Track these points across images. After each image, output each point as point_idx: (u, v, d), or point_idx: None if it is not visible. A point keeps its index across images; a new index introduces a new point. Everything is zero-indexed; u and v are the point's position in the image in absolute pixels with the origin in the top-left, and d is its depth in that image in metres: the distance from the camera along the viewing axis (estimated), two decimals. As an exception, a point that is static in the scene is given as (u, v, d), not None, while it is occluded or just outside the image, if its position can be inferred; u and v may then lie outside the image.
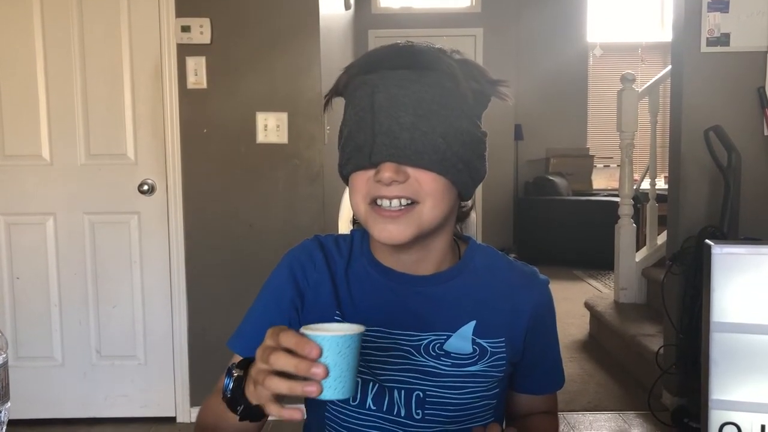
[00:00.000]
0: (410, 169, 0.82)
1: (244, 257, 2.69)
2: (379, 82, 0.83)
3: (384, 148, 0.82)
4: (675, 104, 2.76)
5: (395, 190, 0.83)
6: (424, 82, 0.82)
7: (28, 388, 2.68)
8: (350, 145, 0.85)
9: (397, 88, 0.82)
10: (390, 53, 0.86)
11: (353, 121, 0.85)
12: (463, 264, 0.95)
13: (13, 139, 2.65)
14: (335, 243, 0.96)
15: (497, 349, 0.92)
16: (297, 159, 2.65)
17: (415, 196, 0.83)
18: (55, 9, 2.60)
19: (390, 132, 0.82)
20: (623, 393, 3.05)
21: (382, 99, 0.82)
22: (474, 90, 0.86)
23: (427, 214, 0.84)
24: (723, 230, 2.47)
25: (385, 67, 0.84)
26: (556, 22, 6.88)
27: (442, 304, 0.92)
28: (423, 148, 0.82)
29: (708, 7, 2.58)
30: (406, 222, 0.84)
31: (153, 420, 2.75)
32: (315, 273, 0.93)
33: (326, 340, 0.65)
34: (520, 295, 0.95)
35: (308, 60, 2.65)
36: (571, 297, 4.69)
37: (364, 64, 0.86)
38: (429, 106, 0.82)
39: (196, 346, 2.73)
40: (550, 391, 1.04)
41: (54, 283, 2.71)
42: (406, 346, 0.90)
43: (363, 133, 0.83)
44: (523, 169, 6.92)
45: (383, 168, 0.82)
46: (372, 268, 0.93)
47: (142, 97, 2.65)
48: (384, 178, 0.81)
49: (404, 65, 0.83)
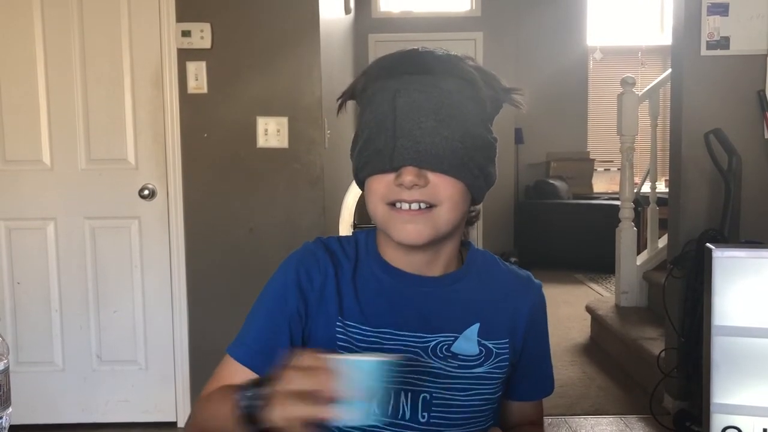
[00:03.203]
0: (430, 174, 0.83)
1: (245, 262, 2.68)
2: (401, 86, 0.83)
3: (405, 151, 0.82)
4: (675, 107, 2.76)
5: (415, 194, 0.84)
6: (445, 88, 0.83)
7: (28, 394, 2.67)
8: (369, 149, 0.85)
9: (418, 92, 0.83)
10: (411, 58, 0.86)
11: (373, 124, 0.85)
12: (467, 267, 0.96)
13: (13, 144, 2.66)
14: (340, 244, 0.96)
15: (501, 350, 0.93)
16: (297, 163, 2.65)
17: (433, 200, 0.84)
18: (55, 14, 2.61)
19: (411, 136, 0.82)
20: (625, 396, 3.04)
21: (403, 103, 0.83)
22: (490, 97, 0.87)
23: (444, 217, 0.85)
24: (724, 233, 2.47)
25: (406, 71, 0.84)
26: (556, 26, 6.89)
27: (449, 306, 0.92)
28: (443, 153, 0.82)
29: (708, 11, 2.59)
30: (424, 222, 0.85)
31: (154, 425, 2.75)
32: (320, 276, 0.92)
33: (366, 364, 0.67)
34: (518, 297, 0.96)
35: (309, 64, 2.65)
36: (572, 301, 4.69)
37: (383, 68, 0.87)
38: (449, 111, 0.83)
39: (197, 351, 2.73)
40: (541, 396, 1.04)
41: (55, 287, 2.71)
42: (413, 348, 0.90)
43: (384, 136, 0.84)
44: (523, 173, 6.93)
45: (405, 172, 0.83)
46: (380, 270, 0.93)
47: (143, 101, 2.65)
48: (406, 182, 0.82)
49: (425, 70, 0.84)
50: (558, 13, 6.88)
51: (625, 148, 3.80)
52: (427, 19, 6.42)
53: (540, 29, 6.80)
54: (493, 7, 6.45)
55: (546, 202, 6.42)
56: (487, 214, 6.52)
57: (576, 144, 7.10)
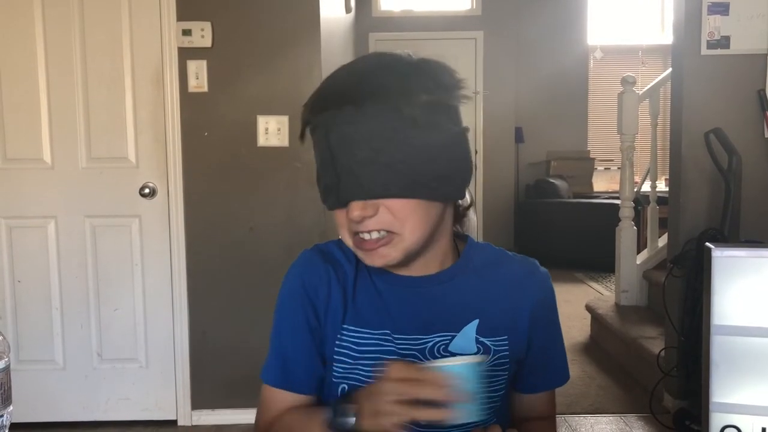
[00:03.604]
0: (379, 200, 0.83)
1: (245, 260, 2.69)
2: (330, 122, 0.83)
3: (349, 187, 0.83)
4: (675, 107, 2.76)
5: (370, 225, 0.84)
6: (371, 115, 0.81)
7: (29, 392, 2.68)
8: (322, 185, 0.87)
9: (346, 125, 0.82)
10: (334, 90, 0.85)
11: (319, 161, 0.87)
12: (462, 263, 0.95)
13: (14, 143, 2.66)
14: (340, 249, 0.96)
15: (500, 348, 0.92)
16: (298, 162, 2.65)
17: (391, 227, 0.84)
18: (56, 13, 2.61)
19: (350, 171, 0.82)
20: (624, 395, 3.05)
21: (336, 139, 0.83)
22: (426, 103, 0.82)
23: (409, 238, 0.85)
24: (724, 233, 2.47)
25: (331, 106, 0.83)
26: (556, 25, 6.88)
27: (445, 305, 0.92)
28: (387, 179, 0.81)
29: (708, 10, 2.59)
30: (391, 248, 0.85)
31: (154, 423, 2.75)
32: (324, 287, 0.92)
33: (459, 368, 0.73)
34: (522, 290, 0.96)
35: (309, 63, 2.65)
36: (572, 299, 4.69)
37: (313, 106, 0.87)
38: (381, 135, 0.81)
39: (197, 349, 2.73)
40: (554, 386, 1.03)
41: (55, 286, 2.71)
42: (412, 350, 0.90)
43: (328, 174, 0.85)
44: (523, 172, 6.92)
45: (351, 208, 0.83)
46: (375, 273, 0.93)
47: (143, 100, 2.66)
48: (354, 217, 0.83)
49: (348, 101, 0.82)
50: (558, 12, 6.88)
51: (626, 147, 3.80)
52: (427, 18, 6.42)
53: (540, 28, 6.80)
54: (494, 6, 6.45)
55: (546, 201, 6.42)
56: (487, 213, 6.49)
57: (576, 143, 7.10)
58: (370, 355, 0.90)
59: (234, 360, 2.66)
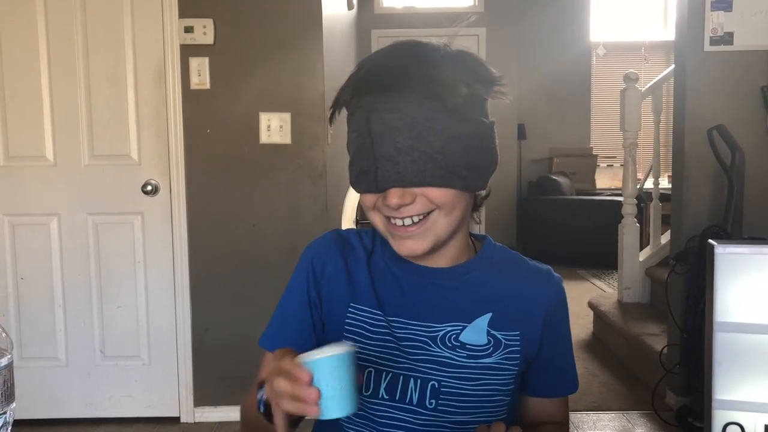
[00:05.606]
0: (417, 189, 0.84)
1: (248, 257, 2.69)
2: (372, 107, 0.83)
3: (387, 174, 0.83)
4: (678, 103, 2.76)
5: (406, 212, 0.85)
6: (413, 102, 0.82)
7: (32, 389, 2.69)
8: (356, 169, 0.87)
9: (388, 112, 0.82)
10: (377, 75, 0.85)
11: (355, 145, 0.87)
12: (479, 258, 0.98)
13: (17, 140, 2.66)
14: (358, 236, 0.99)
15: (512, 342, 0.94)
16: (300, 159, 2.65)
17: (427, 208, 0.86)
18: (58, 10, 2.61)
19: (390, 157, 0.83)
20: (627, 392, 3.05)
21: (376, 125, 0.83)
22: (465, 96, 0.84)
23: (442, 222, 0.87)
24: (726, 230, 2.47)
25: (374, 90, 0.83)
26: (558, 22, 6.87)
27: (459, 296, 0.94)
28: (425, 168, 0.83)
29: (711, 6, 2.58)
30: (423, 235, 0.87)
31: (157, 420, 2.76)
32: (330, 264, 0.95)
33: (316, 363, 0.69)
34: (537, 292, 0.98)
35: (311, 60, 2.65)
36: (574, 296, 4.69)
37: (355, 88, 0.86)
38: (423, 124, 0.82)
39: (199, 346, 2.73)
40: (562, 394, 1.03)
41: (58, 283, 2.72)
42: (423, 337, 0.92)
43: (365, 158, 0.85)
44: (526, 169, 6.92)
45: (390, 194, 0.84)
46: (391, 261, 0.96)
47: (146, 97, 2.66)
48: (392, 204, 0.84)
49: (390, 88, 0.82)
50: (561, 8, 6.87)
51: (628, 144, 3.79)
52: (429, 15, 6.41)
53: (543, 25, 6.79)
54: (496, 3, 6.44)
55: (549, 198, 6.41)
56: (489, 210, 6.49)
57: (579, 140, 7.09)
58: (382, 337, 0.92)
59: (236, 356, 2.66)
